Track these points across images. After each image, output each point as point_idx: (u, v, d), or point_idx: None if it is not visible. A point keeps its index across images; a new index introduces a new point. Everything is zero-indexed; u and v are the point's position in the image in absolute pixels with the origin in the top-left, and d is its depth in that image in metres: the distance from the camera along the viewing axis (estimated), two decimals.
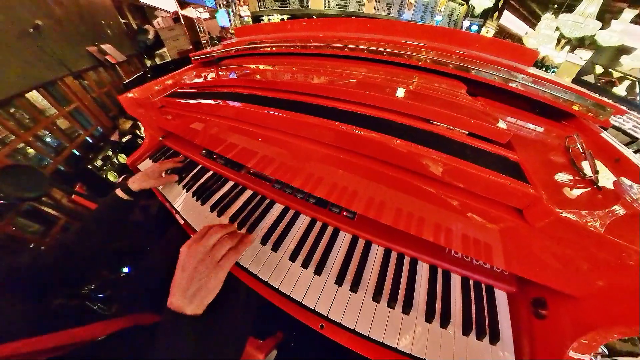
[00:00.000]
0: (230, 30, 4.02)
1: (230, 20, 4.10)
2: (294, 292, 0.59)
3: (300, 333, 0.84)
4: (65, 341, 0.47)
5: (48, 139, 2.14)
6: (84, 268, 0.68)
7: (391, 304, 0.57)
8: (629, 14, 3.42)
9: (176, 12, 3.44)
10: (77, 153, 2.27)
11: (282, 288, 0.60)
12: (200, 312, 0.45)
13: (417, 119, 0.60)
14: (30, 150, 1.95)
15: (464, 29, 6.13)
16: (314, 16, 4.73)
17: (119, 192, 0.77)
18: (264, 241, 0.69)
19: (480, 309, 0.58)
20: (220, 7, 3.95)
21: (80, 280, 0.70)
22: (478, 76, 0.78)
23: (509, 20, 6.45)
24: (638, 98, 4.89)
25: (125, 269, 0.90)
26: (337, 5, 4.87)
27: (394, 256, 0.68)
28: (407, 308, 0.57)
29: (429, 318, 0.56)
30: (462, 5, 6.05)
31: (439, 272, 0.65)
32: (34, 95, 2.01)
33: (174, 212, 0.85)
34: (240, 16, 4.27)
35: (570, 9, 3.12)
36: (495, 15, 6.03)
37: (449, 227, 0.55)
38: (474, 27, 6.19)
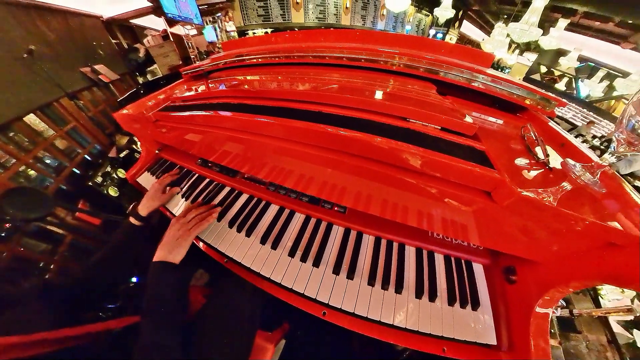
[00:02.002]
0: (217, 45, 3.94)
1: (217, 35, 4.02)
2: (295, 285, 0.60)
3: (305, 321, 0.84)
4: (85, 331, 0.50)
5: (48, 160, 2.07)
6: (106, 292, 0.70)
7: (385, 286, 0.59)
8: (562, 22, 3.86)
9: (165, 31, 3.34)
10: (77, 171, 2.21)
11: (285, 282, 0.60)
12: (177, 262, 0.59)
13: (395, 117, 0.62)
14: (32, 172, 1.88)
15: (430, 37, 6.43)
16: (295, 28, 4.72)
17: (132, 219, 0.75)
18: (264, 240, 0.69)
19: (462, 281, 0.62)
20: (207, 24, 3.87)
21: (101, 302, 0.72)
22: (446, 77, 0.82)
23: (468, 29, 6.97)
24: (575, 92, 5.49)
25: (134, 279, 0.86)
26: (316, 18, 4.93)
27: (383, 243, 0.70)
28: (399, 288, 0.59)
29: (419, 295, 0.58)
30: (428, 16, 6.40)
31: (424, 253, 0.68)
32: (31, 118, 1.96)
33: None
34: (227, 31, 4.21)
35: (517, 18, 3.47)
36: (457, 24, 6.45)
37: (430, 212, 0.58)
38: (439, 35, 6.54)
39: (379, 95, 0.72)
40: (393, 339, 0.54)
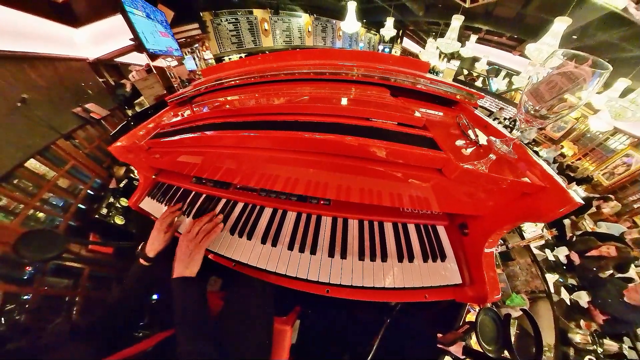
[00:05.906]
0: (197, 72, 3.72)
1: (196, 63, 3.81)
2: (299, 273, 0.59)
3: (313, 301, 0.83)
4: (123, 356, 0.48)
5: (54, 201, 1.86)
6: (131, 320, 0.66)
7: (373, 258, 0.62)
8: (473, 37, 4.72)
9: (148, 65, 3.06)
10: (83, 207, 2.00)
11: (289, 272, 0.60)
12: (194, 275, 0.57)
13: (359, 119, 0.63)
14: (41, 214, 1.69)
15: (380, 51, 6.82)
16: (266, 51, 4.62)
17: (141, 261, 0.68)
18: (264, 240, 0.67)
19: (431, 242, 0.67)
20: (186, 55, 3.63)
21: (129, 327, 0.67)
22: (396, 82, 0.86)
23: (408, 44, 7.74)
24: (488, 87, 6.50)
25: (155, 296, 0.80)
26: (283, 41, 4.98)
27: (366, 224, 0.72)
28: (384, 257, 0.62)
29: (400, 259, 0.62)
30: (376, 35, 6.91)
31: (400, 226, 0.72)
32: (32, 163, 1.76)
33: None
34: (205, 59, 4.02)
35: (442, 35, 4.05)
36: (399, 40, 7.16)
37: (398, 192, 0.61)
38: (387, 49, 7.10)
39: (344, 101, 0.74)
40: (387, 298, 0.57)
